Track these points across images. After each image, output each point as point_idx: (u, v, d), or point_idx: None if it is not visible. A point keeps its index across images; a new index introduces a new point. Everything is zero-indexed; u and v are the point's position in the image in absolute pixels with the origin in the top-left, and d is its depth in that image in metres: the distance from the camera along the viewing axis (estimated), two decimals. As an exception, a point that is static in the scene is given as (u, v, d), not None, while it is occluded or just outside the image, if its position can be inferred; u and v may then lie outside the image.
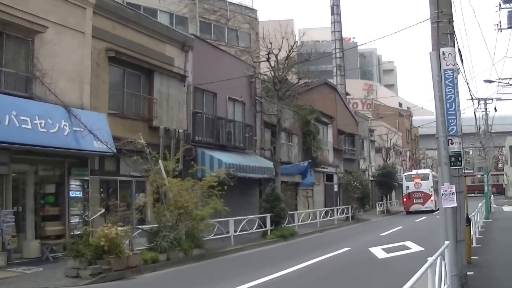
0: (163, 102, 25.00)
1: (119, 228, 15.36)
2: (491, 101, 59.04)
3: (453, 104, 10.24)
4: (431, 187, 50.34)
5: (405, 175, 54.62)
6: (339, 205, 44.19)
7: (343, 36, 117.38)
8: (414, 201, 50.23)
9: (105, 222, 16.70)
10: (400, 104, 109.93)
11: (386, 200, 56.18)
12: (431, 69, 10.13)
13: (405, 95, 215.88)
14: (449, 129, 10.22)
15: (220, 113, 29.74)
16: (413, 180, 51.39)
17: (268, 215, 26.67)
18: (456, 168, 10.44)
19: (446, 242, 9.55)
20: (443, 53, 10.26)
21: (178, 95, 26.11)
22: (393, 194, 64.47)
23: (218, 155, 27.33)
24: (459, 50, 20.91)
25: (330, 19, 68.88)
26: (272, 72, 29.69)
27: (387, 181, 54.99)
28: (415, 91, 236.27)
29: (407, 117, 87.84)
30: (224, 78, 28.89)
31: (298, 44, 32.39)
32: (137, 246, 17.23)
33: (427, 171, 57.12)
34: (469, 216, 18.96)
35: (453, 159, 10.32)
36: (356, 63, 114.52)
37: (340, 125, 51.23)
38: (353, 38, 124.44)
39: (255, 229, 26.30)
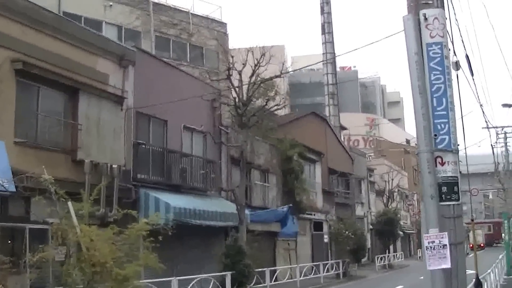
0: (92, 129, 22.48)
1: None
2: (511, 134, 57.25)
3: (443, 99, 7.63)
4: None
5: None
6: (331, 259, 41.81)
7: (343, 65, 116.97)
8: None
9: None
10: (408, 141, 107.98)
11: (388, 252, 53.96)
12: (406, 43, 7.56)
13: (413, 130, 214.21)
14: (438, 141, 7.61)
15: (172, 145, 27.37)
16: None
17: (228, 273, 24.02)
18: (450, 205, 7.67)
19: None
20: (425, 18, 7.64)
21: (113, 120, 23.60)
22: (398, 244, 62.58)
23: (167, 197, 24.88)
24: (467, 56, 18.60)
25: (321, 39, 66.94)
26: (233, 93, 27.23)
27: (388, 230, 52.93)
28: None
29: (414, 155, 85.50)
30: (178, 102, 26.43)
31: (287, 68, 29.90)
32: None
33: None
34: (480, 278, 16.37)
35: (444, 189, 7.63)
36: (357, 95, 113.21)
37: (332, 163, 49.06)
38: (354, 66, 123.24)
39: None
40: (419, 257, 67.86)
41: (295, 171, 38.95)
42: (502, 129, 50.22)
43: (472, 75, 19.90)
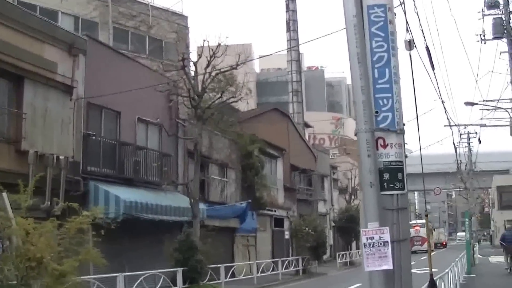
0: (38, 118, 21.31)
1: None
2: (474, 134, 56.97)
3: (386, 70, 6.48)
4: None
5: None
6: (292, 256, 41.06)
7: (310, 64, 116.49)
8: (415, 243, 66.95)
9: None
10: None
11: (350, 249, 53.33)
12: (343, 4, 6.52)
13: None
14: (379, 119, 6.44)
15: (126, 137, 26.30)
16: (414, 228, 70.73)
17: (179, 269, 23.02)
18: (393, 195, 6.42)
19: None
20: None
21: (61, 111, 22.45)
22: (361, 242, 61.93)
23: (118, 190, 23.84)
24: (427, 48, 17.76)
25: (285, 36, 66.19)
26: (187, 84, 26.21)
27: (350, 227, 52.12)
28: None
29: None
30: (133, 93, 25.37)
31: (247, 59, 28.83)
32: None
33: (424, 220, 67.72)
34: (437, 279, 15.56)
35: (386, 176, 6.38)
36: (323, 94, 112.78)
37: (294, 160, 48.30)
38: (321, 66, 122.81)
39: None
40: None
41: (255, 167, 38.07)
42: (465, 127, 49.72)
43: (433, 68, 19.08)
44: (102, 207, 19.24)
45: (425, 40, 17.54)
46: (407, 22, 8.81)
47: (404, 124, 6.60)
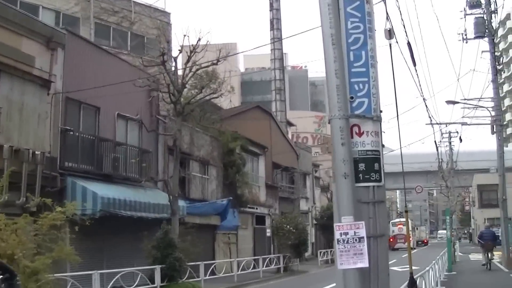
0: (13, 113, 20.74)
1: None
2: (456, 133, 56.89)
3: (362, 53, 6.02)
4: (410, 230, 64.50)
5: (391, 222, 76.31)
6: (274, 253, 40.70)
7: (294, 64, 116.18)
8: (398, 241, 71.75)
9: None
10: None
11: (332, 247, 52.90)
12: None
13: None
14: (354, 104, 5.98)
15: (105, 133, 25.73)
16: (397, 226, 75.79)
17: (157, 267, 22.49)
18: (369, 186, 5.97)
19: None
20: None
21: (38, 105, 21.88)
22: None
23: (96, 187, 23.24)
24: (409, 44, 17.35)
25: (269, 35, 65.69)
26: (167, 79, 25.67)
27: (332, 225, 51.29)
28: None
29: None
30: (112, 89, 24.79)
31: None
32: None
33: None
34: (417, 277, 15.10)
35: (362, 166, 5.95)
36: (306, 93, 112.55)
37: (276, 157, 47.85)
38: (305, 66, 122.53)
39: (137, 286, 22.04)
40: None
41: (237, 164, 37.57)
42: (446, 126, 49.51)
43: (415, 65, 18.71)
44: (76, 203, 18.74)
45: (406, 35, 17.18)
46: (386, 12, 8.38)
47: (381, 111, 6.13)
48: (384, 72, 6.40)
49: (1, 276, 12.58)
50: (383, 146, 6.13)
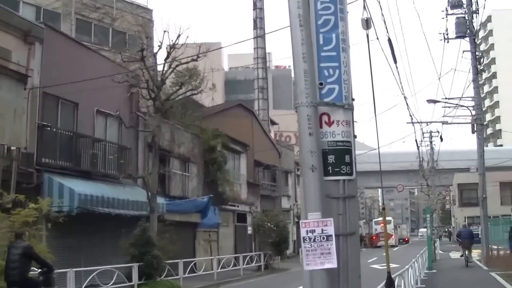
0: (-12, 108, 20.19)
1: None
2: (437, 133, 56.84)
3: (333, 36, 5.50)
4: (392, 229, 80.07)
5: (374, 221, 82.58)
6: (255, 251, 40.43)
7: (278, 64, 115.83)
8: (380, 239, 72.94)
9: None
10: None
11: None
12: None
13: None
14: (324, 91, 5.45)
15: (84, 129, 25.23)
16: (380, 224, 76.29)
17: (135, 265, 22.02)
18: (338, 180, 5.45)
19: None
20: None
21: (14, 100, 21.35)
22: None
23: (72, 183, 22.75)
24: (389, 40, 16.98)
25: (252, 34, 65.29)
26: (146, 75, 25.19)
27: (313, 223, 51.38)
28: (357, 124, 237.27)
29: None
30: (91, 84, 24.29)
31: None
32: None
33: (389, 218, 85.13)
34: (393, 276, 14.70)
35: (331, 158, 5.42)
36: (290, 92, 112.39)
37: (258, 155, 47.43)
38: (289, 66, 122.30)
39: (114, 285, 21.53)
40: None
41: (218, 162, 37.11)
42: (427, 125, 49.37)
43: (395, 62, 18.37)
44: (50, 199, 18.30)
45: (387, 32, 16.86)
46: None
47: (353, 99, 5.62)
48: (364, 68, 5.98)
49: (40, 270, 13.33)
50: (355, 137, 5.62)
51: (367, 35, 7.70)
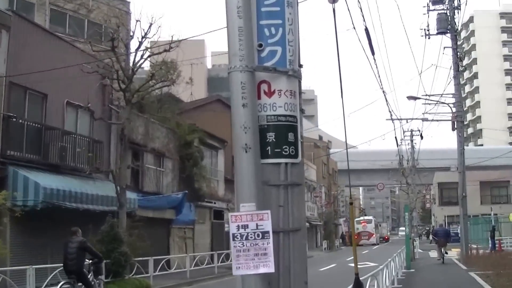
0: (-51, 97, 19.21)
1: None
2: (417, 132, 56.48)
3: None
4: (373, 228, 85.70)
5: (356, 220, 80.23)
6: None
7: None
8: (362, 237, 78.67)
9: None
10: (321, 137, 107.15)
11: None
12: None
13: (328, 128, 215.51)
14: (264, 54, 4.45)
15: (53, 121, 24.30)
16: (362, 223, 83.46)
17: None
18: (279, 163, 4.40)
19: None
20: None
21: (-22, 89, 20.35)
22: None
23: (39, 177, 21.83)
24: (366, 30, 16.21)
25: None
26: (115, 65, 24.26)
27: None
28: (339, 123, 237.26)
29: (324, 149, 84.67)
30: (62, 75, 23.36)
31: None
32: None
33: (370, 217, 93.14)
34: (366, 276, 13.93)
35: (271, 136, 4.38)
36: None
37: (237, 152, 46.41)
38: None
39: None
40: (325, 248, 66.58)
41: (194, 157, 36.24)
42: (407, 122, 48.92)
43: (373, 53, 17.62)
44: (7, 192, 17.41)
45: (364, 21, 16.00)
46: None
47: (301, 66, 4.61)
48: (342, 57, 5.10)
49: (91, 261, 16.23)
50: (302, 111, 4.59)
51: (334, 10, 6.91)
